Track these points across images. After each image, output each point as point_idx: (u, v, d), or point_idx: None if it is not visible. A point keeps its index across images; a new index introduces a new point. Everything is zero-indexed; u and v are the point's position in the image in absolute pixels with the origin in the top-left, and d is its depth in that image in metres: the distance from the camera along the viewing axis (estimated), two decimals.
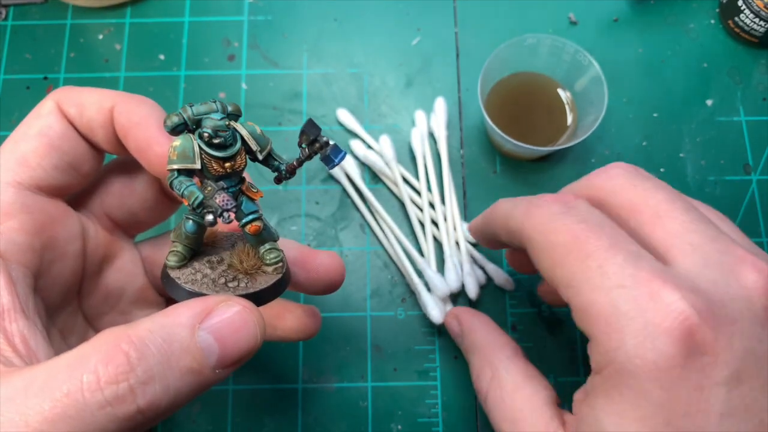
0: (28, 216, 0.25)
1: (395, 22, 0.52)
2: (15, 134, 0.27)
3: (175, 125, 0.24)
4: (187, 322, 0.22)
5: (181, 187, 0.24)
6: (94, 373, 0.20)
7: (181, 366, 0.21)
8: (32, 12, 0.52)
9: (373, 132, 0.48)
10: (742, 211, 0.46)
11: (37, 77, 0.50)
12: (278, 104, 0.50)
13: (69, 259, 0.28)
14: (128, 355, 0.20)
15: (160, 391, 0.21)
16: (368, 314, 0.45)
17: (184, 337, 0.22)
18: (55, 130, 0.27)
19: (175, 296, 0.25)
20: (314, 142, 0.25)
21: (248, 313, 0.23)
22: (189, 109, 0.24)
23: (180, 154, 0.24)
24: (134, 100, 0.28)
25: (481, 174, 0.48)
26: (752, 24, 0.48)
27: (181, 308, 0.23)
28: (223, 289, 0.25)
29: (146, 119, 0.27)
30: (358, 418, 0.42)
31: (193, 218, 0.25)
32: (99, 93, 0.28)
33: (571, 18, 0.52)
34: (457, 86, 0.50)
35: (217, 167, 0.24)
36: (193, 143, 0.24)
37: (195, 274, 0.25)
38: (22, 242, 0.25)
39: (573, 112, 0.47)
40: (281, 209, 0.47)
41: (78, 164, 0.28)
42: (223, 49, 0.51)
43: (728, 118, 0.49)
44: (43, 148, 0.26)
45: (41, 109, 0.28)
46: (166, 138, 0.26)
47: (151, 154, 0.27)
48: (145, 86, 0.50)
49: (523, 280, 0.45)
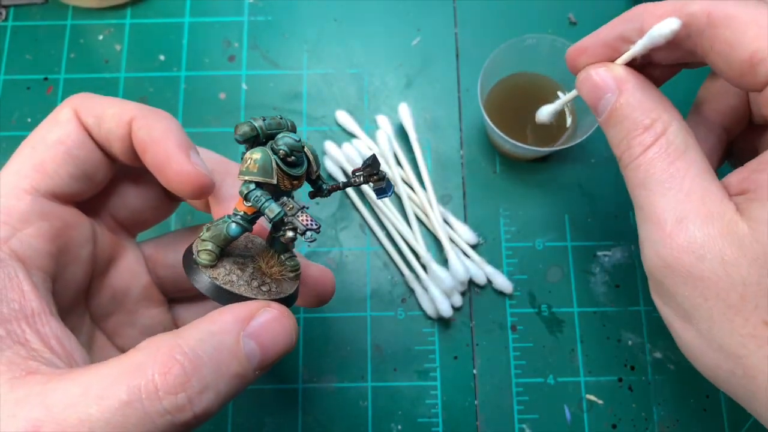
0: (45, 222, 0.26)
1: (395, 22, 0.52)
2: (32, 139, 0.27)
3: (247, 136, 0.25)
4: (233, 330, 0.23)
5: (260, 201, 0.24)
6: (153, 383, 0.21)
7: (230, 372, 0.23)
8: (33, 13, 0.52)
9: (373, 133, 0.48)
10: None
11: (37, 78, 0.50)
12: (278, 104, 0.50)
13: (81, 262, 0.28)
14: (183, 365, 0.22)
15: (213, 397, 0.22)
16: (368, 314, 0.45)
17: (232, 345, 0.23)
18: (73, 139, 0.27)
19: (210, 294, 0.26)
20: (375, 174, 0.27)
21: (285, 318, 0.25)
22: (260, 122, 0.25)
23: (260, 168, 0.24)
24: (154, 114, 0.28)
25: (480, 174, 0.48)
26: None
27: (225, 315, 0.24)
28: (259, 292, 0.26)
29: (166, 136, 0.27)
30: (358, 418, 0.42)
31: (241, 224, 0.26)
32: (118, 105, 0.28)
33: (570, 18, 0.52)
34: (456, 86, 0.50)
35: (287, 184, 0.25)
36: (271, 158, 0.24)
37: (229, 275, 0.26)
38: (40, 248, 0.25)
39: (572, 113, 0.47)
40: None
41: (93, 173, 0.28)
42: (224, 49, 0.51)
43: None
44: (61, 157, 0.27)
45: (59, 115, 0.27)
46: (185, 156, 0.27)
47: (170, 171, 0.27)
48: (146, 87, 0.50)
49: (522, 281, 0.45)
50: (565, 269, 0.45)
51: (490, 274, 0.44)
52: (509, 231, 0.46)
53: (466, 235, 0.45)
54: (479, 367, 0.44)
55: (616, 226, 0.46)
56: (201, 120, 0.49)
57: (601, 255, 0.46)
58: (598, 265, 0.46)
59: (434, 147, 0.48)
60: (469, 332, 0.44)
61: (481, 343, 0.44)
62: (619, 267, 0.45)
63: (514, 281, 0.45)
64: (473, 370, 0.43)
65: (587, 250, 0.46)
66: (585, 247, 0.46)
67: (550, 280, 0.45)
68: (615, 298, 0.45)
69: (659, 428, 0.42)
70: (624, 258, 0.46)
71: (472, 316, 0.44)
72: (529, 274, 0.45)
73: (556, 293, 0.45)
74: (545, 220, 0.47)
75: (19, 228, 0.25)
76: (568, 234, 0.46)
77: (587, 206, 0.47)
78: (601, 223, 0.46)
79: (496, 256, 0.46)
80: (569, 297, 0.45)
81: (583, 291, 0.45)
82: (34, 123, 0.49)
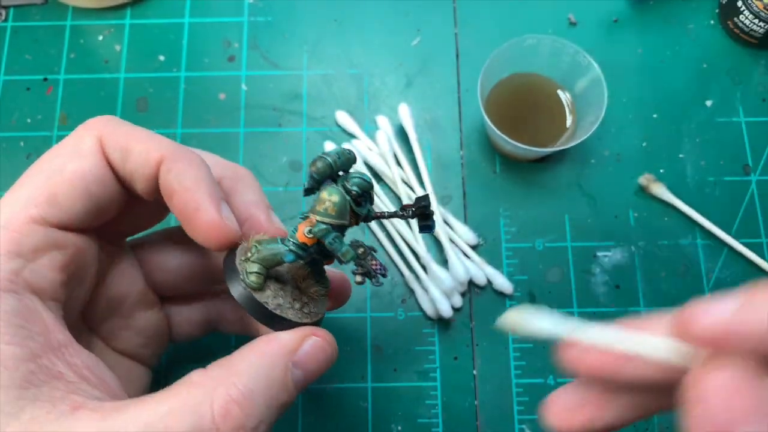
0: (57, 252, 0.25)
1: (395, 22, 0.52)
2: (48, 164, 0.26)
3: (323, 174, 0.25)
4: (282, 363, 0.25)
5: (335, 244, 0.25)
6: (214, 425, 0.22)
7: (279, 403, 0.24)
8: (32, 13, 0.52)
9: (373, 133, 0.48)
10: (741, 212, 0.46)
11: (37, 78, 0.50)
12: (278, 105, 0.50)
13: (87, 282, 0.28)
14: (241, 405, 0.23)
15: (265, 429, 0.24)
16: (368, 315, 0.45)
17: (281, 377, 0.25)
18: (94, 174, 0.26)
19: (260, 320, 0.26)
20: (426, 213, 0.28)
21: (328, 344, 0.26)
22: (334, 157, 0.25)
23: (339, 211, 0.25)
24: (185, 157, 0.27)
25: (480, 175, 0.48)
26: (752, 25, 0.48)
27: (274, 347, 0.25)
28: (303, 315, 0.27)
29: (197, 184, 0.26)
30: (358, 418, 0.42)
31: (298, 253, 0.26)
32: (147, 141, 0.26)
33: (570, 19, 0.52)
34: (456, 87, 0.50)
35: (352, 222, 0.26)
36: (347, 200, 0.25)
37: (276, 298, 0.27)
38: (53, 278, 0.25)
39: (572, 113, 0.47)
40: (282, 209, 0.47)
41: (108, 208, 0.27)
42: (223, 50, 0.51)
43: (728, 119, 0.49)
44: (78, 192, 0.25)
45: (82, 144, 0.26)
46: (216, 209, 0.26)
47: (198, 223, 0.26)
48: (145, 87, 0.50)
49: (522, 281, 0.45)
50: (565, 270, 0.45)
51: (490, 274, 0.44)
52: (509, 231, 0.46)
53: (466, 236, 0.45)
54: (479, 367, 0.44)
55: (616, 227, 0.46)
56: (201, 120, 0.49)
57: (601, 255, 0.46)
58: (598, 266, 0.46)
59: (434, 147, 0.48)
60: (469, 333, 0.44)
61: (481, 344, 0.44)
62: (619, 267, 0.45)
63: (514, 282, 0.45)
64: (473, 371, 0.43)
65: (587, 250, 0.46)
66: (585, 248, 0.46)
67: (550, 281, 0.45)
68: (615, 299, 0.45)
69: (659, 429, 0.42)
70: (624, 258, 0.46)
71: (472, 316, 0.44)
72: (529, 274, 0.45)
73: (556, 294, 0.45)
74: (545, 220, 0.47)
75: (31, 259, 0.24)
76: (568, 234, 0.46)
77: (587, 206, 0.47)
78: (601, 224, 0.46)
79: (496, 256, 0.46)
80: (569, 297, 0.45)
81: (583, 291, 0.45)
82: (34, 123, 0.49)
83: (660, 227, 0.46)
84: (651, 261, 0.45)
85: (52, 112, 0.49)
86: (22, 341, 0.22)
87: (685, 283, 0.45)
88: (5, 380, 0.21)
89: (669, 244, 0.46)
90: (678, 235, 0.46)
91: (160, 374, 0.43)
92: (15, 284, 0.23)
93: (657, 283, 0.45)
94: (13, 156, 0.48)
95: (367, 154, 0.47)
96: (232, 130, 0.49)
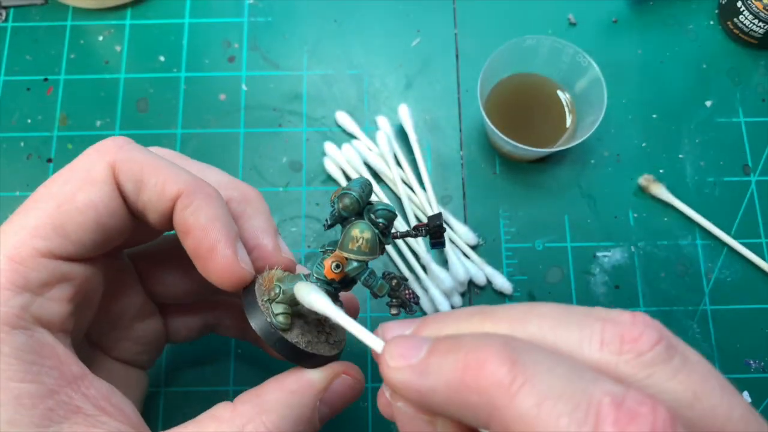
0: (65, 284, 0.24)
1: (395, 23, 0.52)
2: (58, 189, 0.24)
3: (352, 211, 0.25)
4: (311, 402, 0.25)
5: (371, 280, 0.25)
6: None
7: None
8: (32, 13, 0.52)
9: (373, 134, 0.48)
10: (741, 212, 0.46)
11: (37, 78, 0.50)
12: (278, 105, 0.50)
13: (93, 306, 0.28)
14: None
15: None
16: (368, 315, 0.45)
17: (309, 415, 0.25)
18: (106, 205, 0.24)
19: (292, 360, 0.26)
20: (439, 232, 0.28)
21: (357, 382, 0.27)
22: (358, 191, 0.25)
23: (371, 248, 0.25)
24: (202, 194, 0.25)
25: (480, 175, 0.48)
26: (751, 25, 0.48)
27: (304, 386, 0.25)
28: (329, 347, 0.27)
29: (213, 223, 0.25)
30: (358, 419, 0.42)
31: (327, 290, 0.26)
32: (162, 173, 0.25)
33: (570, 19, 0.52)
34: (456, 87, 0.50)
35: (380, 252, 0.26)
36: (376, 234, 0.25)
37: (305, 336, 0.26)
38: (62, 311, 0.24)
39: (572, 113, 0.47)
40: (282, 210, 0.47)
41: (116, 238, 0.26)
42: (224, 50, 0.51)
43: (727, 119, 0.49)
44: (89, 225, 0.24)
45: (94, 171, 0.25)
46: (233, 251, 0.25)
47: (213, 263, 0.25)
48: (146, 87, 0.50)
49: (522, 281, 0.45)
50: (564, 270, 0.46)
51: (490, 274, 0.44)
52: (509, 232, 0.46)
53: (466, 236, 0.45)
54: None
55: (616, 227, 0.46)
56: (201, 121, 0.49)
57: (600, 256, 0.46)
58: (597, 266, 0.46)
59: (434, 148, 0.48)
60: None
61: None
62: (619, 268, 0.45)
63: (513, 282, 0.45)
64: None
65: (587, 250, 0.46)
66: (585, 248, 0.46)
67: (549, 281, 0.45)
68: (615, 299, 0.45)
69: None
70: (624, 258, 0.46)
71: None
72: (528, 274, 0.45)
73: (556, 294, 0.45)
74: (545, 220, 0.47)
75: (39, 293, 0.23)
76: (567, 235, 0.46)
77: (587, 207, 0.47)
78: (601, 224, 0.46)
79: (495, 256, 0.46)
80: (569, 298, 0.45)
81: (582, 291, 0.45)
82: (34, 124, 0.49)
83: (659, 227, 0.46)
84: (650, 261, 0.46)
85: (53, 113, 0.50)
86: (37, 378, 0.22)
87: (685, 283, 0.45)
88: (24, 419, 0.21)
89: (668, 245, 0.46)
90: (677, 235, 0.46)
91: (160, 375, 0.43)
92: (24, 320, 0.22)
93: (656, 283, 0.45)
94: (13, 156, 0.48)
95: (367, 155, 0.47)
96: (232, 131, 0.49)
